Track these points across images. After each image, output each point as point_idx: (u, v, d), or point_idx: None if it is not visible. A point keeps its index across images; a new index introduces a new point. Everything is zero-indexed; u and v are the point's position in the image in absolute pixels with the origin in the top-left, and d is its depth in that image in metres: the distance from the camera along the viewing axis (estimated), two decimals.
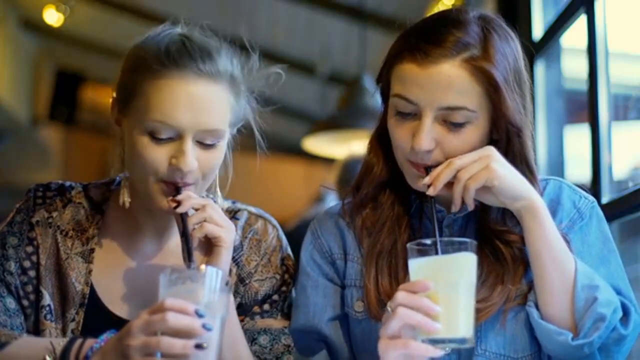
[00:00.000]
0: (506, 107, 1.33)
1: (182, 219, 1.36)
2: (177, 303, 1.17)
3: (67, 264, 1.48)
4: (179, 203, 1.36)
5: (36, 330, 1.46)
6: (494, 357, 1.36)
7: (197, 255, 1.37)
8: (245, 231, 1.56)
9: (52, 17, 5.52)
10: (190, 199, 1.37)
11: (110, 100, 1.47)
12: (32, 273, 1.48)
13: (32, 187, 1.54)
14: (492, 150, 1.32)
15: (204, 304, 1.19)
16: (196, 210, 1.38)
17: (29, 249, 1.49)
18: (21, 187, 1.59)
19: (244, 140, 1.56)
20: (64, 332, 1.44)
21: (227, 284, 1.23)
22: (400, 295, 1.21)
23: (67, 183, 1.57)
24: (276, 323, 1.51)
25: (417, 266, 1.23)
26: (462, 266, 1.22)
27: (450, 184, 1.33)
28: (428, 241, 1.23)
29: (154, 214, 1.49)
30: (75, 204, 1.53)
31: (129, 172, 1.46)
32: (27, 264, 1.48)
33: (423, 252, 1.23)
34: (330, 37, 5.63)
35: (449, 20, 1.36)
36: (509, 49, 1.36)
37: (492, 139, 1.38)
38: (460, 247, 1.22)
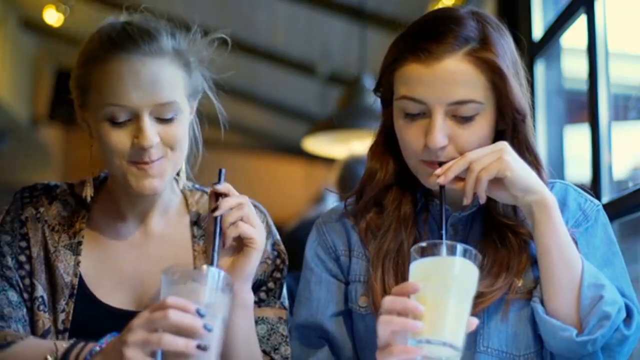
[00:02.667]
0: (512, 94, 1.35)
1: (216, 220, 1.36)
2: (179, 301, 1.17)
3: (54, 256, 1.50)
4: (216, 207, 1.36)
5: (31, 321, 1.48)
6: (496, 354, 1.37)
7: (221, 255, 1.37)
8: None
9: (52, 17, 5.51)
10: (226, 201, 1.36)
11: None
12: (27, 267, 1.50)
13: (19, 189, 1.58)
14: (504, 145, 1.34)
15: (205, 304, 1.19)
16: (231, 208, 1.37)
17: (23, 244, 1.51)
18: (21, 187, 1.60)
19: (244, 141, 1.57)
20: (54, 323, 1.46)
21: (228, 284, 1.23)
22: (386, 301, 1.20)
23: (52, 183, 1.60)
24: (273, 312, 1.53)
25: (412, 268, 1.22)
26: (454, 269, 1.19)
27: (462, 180, 1.33)
28: (424, 244, 1.22)
29: (135, 201, 1.53)
30: (61, 200, 1.57)
31: (104, 163, 1.49)
32: (22, 258, 1.50)
33: (419, 254, 1.21)
34: (330, 37, 5.62)
35: (446, 18, 1.38)
36: (504, 40, 1.39)
37: (498, 130, 1.40)
38: (454, 252, 1.19)
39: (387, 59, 1.41)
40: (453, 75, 1.33)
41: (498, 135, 1.40)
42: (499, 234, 1.41)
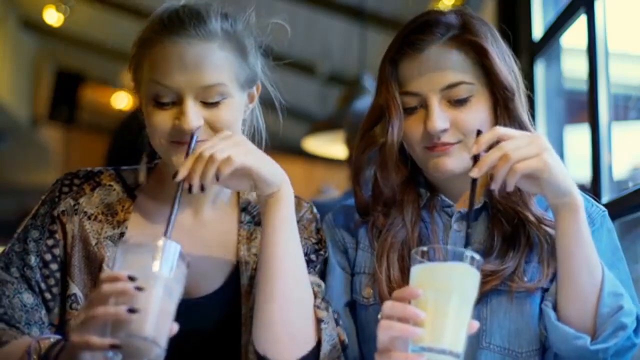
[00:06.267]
0: (499, 71, 1.41)
1: (177, 187, 1.32)
2: (110, 274, 1.17)
3: (96, 249, 1.47)
4: (176, 172, 1.33)
5: (61, 321, 1.45)
6: (498, 351, 1.37)
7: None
8: None
9: (52, 17, 5.52)
10: (186, 162, 1.33)
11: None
12: (53, 266, 1.47)
13: (61, 176, 1.55)
14: (543, 140, 1.30)
15: (149, 274, 1.17)
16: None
17: (50, 242, 1.48)
18: (21, 187, 1.58)
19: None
20: None
21: (180, 258, 1.21)
22: (386, 306, 1.20)
23: (97, 169, 1.58)
24: (311, 278, 1.48)
25: (413, 272, 1.20)
26: (456, 275, 1.17)
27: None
28: (425, 248, 1.20)
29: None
30: (105, 187, 1.54)
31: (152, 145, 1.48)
32: (48, 257, 1.48)
33: (421, 258, 1.19)
34: (330, 37, 5.62)
35: (427, 14, 1.47)
36: (486, 27, 1.46)
37: (496, 113, 1.43)
38: (456, 257, 1.17)
39: (383, 69, 1.46)
40: (440, 62, 1.40)
41: (496, 118, 1.43)
42: (504, 215, 1.42)
